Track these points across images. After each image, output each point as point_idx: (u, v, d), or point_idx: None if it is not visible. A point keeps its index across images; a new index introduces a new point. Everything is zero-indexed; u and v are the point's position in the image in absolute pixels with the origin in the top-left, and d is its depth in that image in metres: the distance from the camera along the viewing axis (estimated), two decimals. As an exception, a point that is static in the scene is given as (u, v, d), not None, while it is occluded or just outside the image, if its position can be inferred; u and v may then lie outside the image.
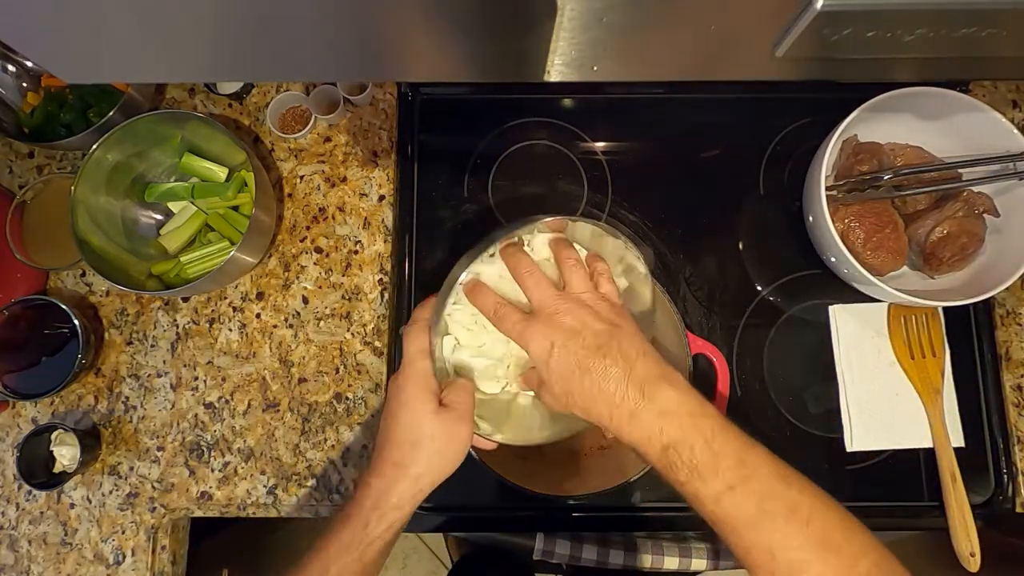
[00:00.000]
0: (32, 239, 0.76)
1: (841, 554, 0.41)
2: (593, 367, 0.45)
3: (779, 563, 0.41)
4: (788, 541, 0.41)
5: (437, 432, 0.49)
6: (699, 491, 0.43)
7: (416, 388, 0.50)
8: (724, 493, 0.42)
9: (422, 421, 0.49)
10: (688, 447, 0.43)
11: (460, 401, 0.51)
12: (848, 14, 0.29)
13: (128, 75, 0.41)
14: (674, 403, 0.44)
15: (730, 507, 0.42)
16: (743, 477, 0.42)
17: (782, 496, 0.42)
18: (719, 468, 0.42)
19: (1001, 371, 0.75)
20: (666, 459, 0.43)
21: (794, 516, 0.41)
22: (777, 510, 0.41)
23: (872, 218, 0.71)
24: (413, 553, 1.55)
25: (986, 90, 0.81)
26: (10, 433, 0.76)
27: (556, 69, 0.35)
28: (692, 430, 0.43)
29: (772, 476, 0.43)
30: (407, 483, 0.48)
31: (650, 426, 0.44)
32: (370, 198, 0.80)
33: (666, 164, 0.81)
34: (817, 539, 0.41)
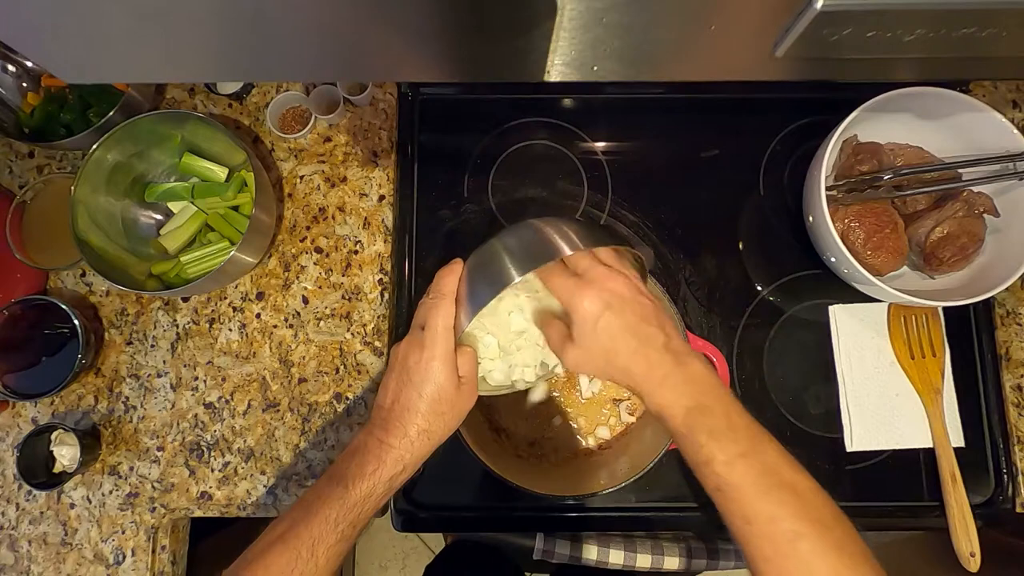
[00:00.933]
0: (32, 239, 0.76)
1: (834, 533, 0.44)
2: (641, 332, 0.50)
3: (779, 530, 0.44)
4: (789, 511, 0.44)
5: (456, 402, 0.54)
6: (714, 454, 0.46)
7: (444, 365, 0.53)
8: (736, 459, 0.45)
9: (448, 395, 0.53)
10: (711, 412, 0.47)
11: (470, 372, 0.55)
12: (848, 14, 0.29)
13: (128, 75, 0.41)
14: (701, 374, 0.49)
15: (741, 472, 0.45)
16: (754, 449, 0.46)
17: (786, 472, 0.46)
18: (736, 436, 0.46)
19: (1001, 371, 0.75)
20: (690, 420, 0.47)
21: (795, 491, 0.45)
22: (781, 484, 0.45)
23: (872, 218, 0.71)
24: (413, 553, 1.55)
25: (986, 90, 0.81)
26: (10, 433, 0.76)
27: (556, 69, 0.35)
28: (715, 399, 0.48)
29: (779, 454, 0.47)
30: (428, 446, 0.54)
31: (680, 389, 0.48)
32: (370, 198, 0.80)
33: (666, 164, 0.81)
34: (814, 515, 0.44)
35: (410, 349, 0.54)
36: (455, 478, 0.74)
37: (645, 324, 0.50)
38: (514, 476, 0.66)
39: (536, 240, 0.53)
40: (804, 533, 0.43)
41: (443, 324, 0.53)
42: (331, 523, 0.50)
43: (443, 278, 0.55)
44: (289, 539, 0.50)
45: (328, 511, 0.50)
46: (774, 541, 0.44)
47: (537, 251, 0.52)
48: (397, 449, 0.53)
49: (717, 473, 0.46)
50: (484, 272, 0.54)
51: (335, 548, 0.50)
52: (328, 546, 0.50)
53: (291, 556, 0.49)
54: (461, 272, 0.56)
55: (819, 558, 0.43)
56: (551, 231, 0.53)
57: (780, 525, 0.44)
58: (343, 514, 0.51)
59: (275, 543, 0.50)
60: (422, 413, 0.53)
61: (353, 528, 0.51)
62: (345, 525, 0.51)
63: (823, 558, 0.43)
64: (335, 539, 0.50)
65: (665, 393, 0.49)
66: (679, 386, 0.49)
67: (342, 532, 0.50)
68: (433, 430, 0.54)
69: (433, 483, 0.74)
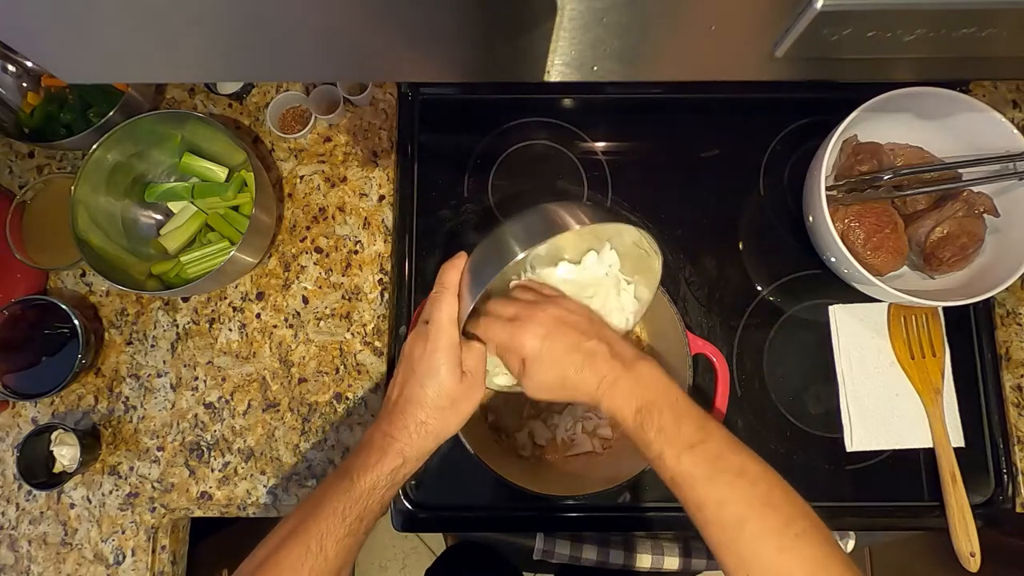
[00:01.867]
0: (32, 239, 0.76)
1: (780, 512, 0.46)
2: (583, 347, 0.52)
3: (726, 514, 0.46)
4: (735, 496, 0.46)
5: (459, 397, 0.54)
6: (664, 450, 0.48)
7: (446, 356, 0.53)
8: (684, 451, 0.48)
9: (450, 389, 0.54)
10: (658, 409, 0.49)
11: (476, 366, 0.56)
12: (848, 14, 0.29)
13: (128, 75, 0.41)
14: (647, 374, 0.52)
15: (689, 464, 0.47)
16: (701, 439, 0.48)
17: (733, 459, 0.48)
18: (681, 430, 0.49)
19: (1001, 371, 0.75)
20: (639, 418, 0.50)
21: (742, 476, 0.47)
22: (728, 469, 0.47)
23: (872, 218, 0.71)
24: (413, 553, 1.55)
25: (986, 90, 0.81)
26: (10, 433, 0.76)
27: (556, 69, 0.35)
28: (662, 397, 0.50)
29: (726, 442, 0.49)
30: (431, 440, 0.54)
31: (629, 391, 0.51)
32: (370, 198, 0.80)
33: (666, 164, 0.81)
34: (760, 498, 0.46)
35: (415, 342, 0.55)
36: (455, 478, 0.74)
37: (585, 339, 0.52)
38: (514, 476, 0.66)
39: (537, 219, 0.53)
40: (749, 516, 0.45)
41: (446, 316, 0.54)
42: (338, 516, 0.51)
43: (446, 272, 0.56)
44: (299, 533, 0.50)
45: (335, 504, 0.51)
46: (723, 527, 0.46)
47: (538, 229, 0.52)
48: (398, 441, 0.53)
49: (668, 466, 0.48)
50: (485, 257, 0.55)
51: (344, 542, 0.51)
52: (337, 539, 0.50)
53: (301, 550, 0.49)
54: (464, 265, 0.56)
55: (764, 539, 0.45)
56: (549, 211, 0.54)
57: (728, 509, 0.46)
58: (349, 506, 0.51)
59: (285, 539, 0.50)
60: (423, 406, 0.53)
61: (360, 522, 0.52)
62: (352, 518, 0.51)
63: (768, 539, 0.45)
64: (343, 532, 0.51)
65: (615, 397, 0.51)
66: (627, 389, 0.51)
67: (350, 525, 0.51)
68: (433, 423, 0.54)
69: (433, 483, 0.74)
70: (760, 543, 0.45)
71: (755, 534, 0.45)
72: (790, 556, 0.44)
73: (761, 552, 0.44)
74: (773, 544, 0.44)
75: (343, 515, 0.51)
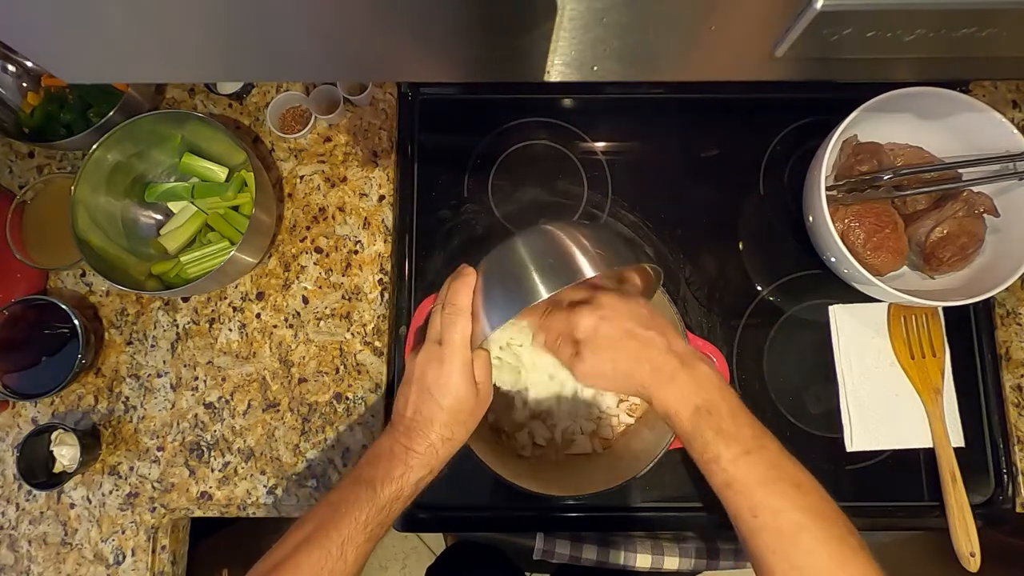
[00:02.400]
0: (32, 239, 0.76)
1: (836, 526, 0.46)
2: (640, 336, 0.53)
3: (783, 522, 0.46)
4: (792, 504, 0.46)
5: (476, 407, 0.56)
6: (721, 452, 0.48)
7: (461, 376, 0.54)
8: (741, 456, 0.48)
9: (468, 405, 0.55)
10: (716, 411, 0.50)
11: (486, 375, 0.57)
12: (848, 14, 0.29)
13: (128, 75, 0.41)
14: (706, 375, 0.52)
15: (746, 468, 0.48)
16: (759, 446, 0.49)
17: (788, 468, 0.48)
18: (739, 435, 0.49)
19: (1001, 371, 0.75)
20: (696, 419, 0.50)
21: (797, 486, 0.47)
22: (784, 478, 0.48)
23: (872, 218, 0.71)
24: (413, 553, 1.55)
25: (986, 90, 0.81)
26: (10, 433, 0.76)
27: (556, 69, 0.35)
28: (720, 399, 0.50)
29: (780, 451, 0.49)
30: (451, 450, 0.56)
31: (686, 390, 0.51)
32: (370, 198, 0.80)
33: (666, 164, 0.81)
34: (815, 509, 0.47)
35: (428, 364, 0.55)
36: (455, 478, 0.73)
37: (643, 329, 0.53)
38: (514, 476, 0.66)
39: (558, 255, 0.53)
40: (807, 525, 0.46)
41: (460, 339, 0.54)
42: (361, 524, 0.52)
43: (458, 292, 0.55)
44: (319, 539, 0.51)
45: (358, 513, 0.52)
46: (779, 533, 0.46)
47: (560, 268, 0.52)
48: (423, 455, 0.54)
49: (724, 469, 0.48)
50: (503, 285, 0.54)
51: (363, 547, 0.52)
52: (357, 545, 0.51)
53: (321, 554, 0.50)
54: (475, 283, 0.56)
55: (822, 547, 0.45)
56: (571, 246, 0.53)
57: (784, 517, 0.46)
58: (372, 515, 0.52)
59: (303, 544, 0.51)
60: (444, 423, 0.55)
61: (380, 528, 0.53)
62: (374, 526, 0.52)
63: (825, 547, 0.45)
64: (363, 539, 0.52)
65: (672, 393, 0.51)
66: (685, 386, 0.51)
67: (370, 532, 0.52)
68: (455, 436, 0.56)
69: (433, 483, 0.73)
70: (816, 553, 0.45)
71: (812, 544, 0.45)
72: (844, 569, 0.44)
73: (816, 562, 0.45)
74: (828, 556, 0.45)
75: (365, 524, 0.52)
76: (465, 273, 0.57)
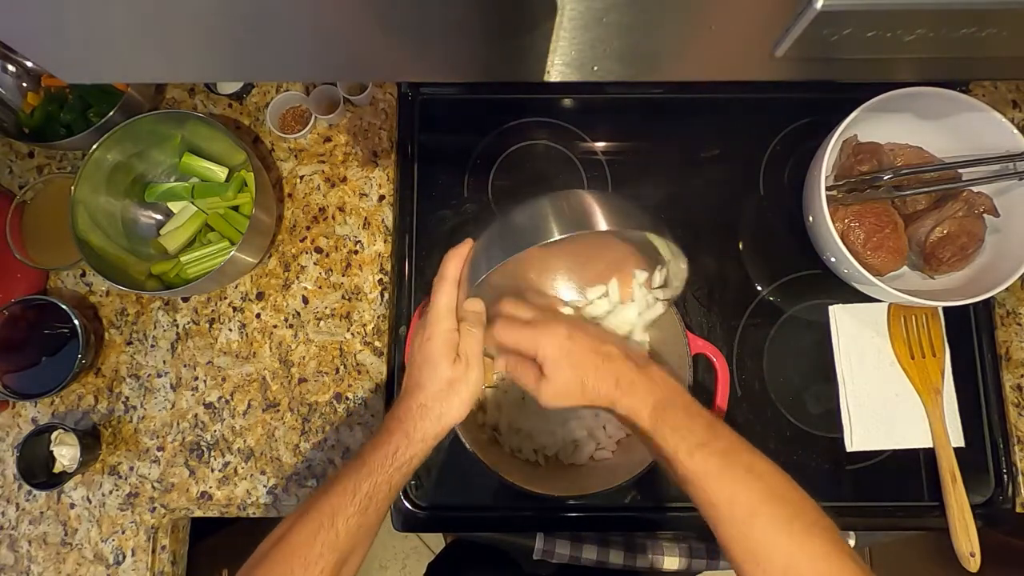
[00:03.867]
0: (32, 239, 0.76)
1: (789, 504, 0.47)
2: (602, 351, 0.55)
3: (737, 507, 0.47)
4: (746, 489, 0.48)
5: (455, 379, 0.56)
6: (678, 447, 0.50)
7: (441, 342, 0.56)
8: (696, 449, 0.49)
9: (444, 373, 0.56)
10: (672, 407, 0.52)
11: (471, 350, 0.57)
12: (848, 14, 0.29)
13: (128, 75, 0.41)
14: (660, 377, 0.55)
15: (701, 459, 0.49)
16: (712, 437, 0.50)
17: (742, 456, 0.50)
18: (694, 427, 0.51)
19: (1001, 371, 0.75)
20: (654, 417, 0.52)
21: (751, 472, 0.49)
22: (737, 464, 0.49)
23: (872, 218, 0.71)
24: (413, 553, 1.55)
25: (986, 90, 0.81)
26: (10, 433, 0.76)
27: (556, 69, 0.35)
28: (675, 396, 0.53)
29: (734, 440, 0.51)
30: (431, 421, 0.56)
31: (645, 390, 0.53)
32: (370, 198, 0.80)
33: (666, 164, 0.81)
34: (769, 491, 0.48)
35: (417, 332, 0.59)
36: (455, 478, 0.74)
37: (602, 343, 0.55)
38: (514, 476, 0.66)
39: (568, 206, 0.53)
40: (759, 509, 0.47)
41: (443, 305, 0.57)
42: (348, 493, 0.53)
43: (448, 260, 0.58)
44: (311, 511, 0.52)
45: (346, 482, 0.53)
46: (735, 522, 0.47)
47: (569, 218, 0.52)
48: (404, 423, 0.55)
49: (682, 463, 0.50)
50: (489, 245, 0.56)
51: (353, 519, 0.52)
52: (347, 516, 0.52)
53: (314, 526, 0.51)
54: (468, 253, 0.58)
55: (774, 529, 0.46)
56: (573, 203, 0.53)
57: (740, 501, 0.47)
58: (358, 483, 0.53)
59: (300, 516, 0.52)
60: (423, 390, 0.56)
61: (368, 499, 0.53)
62: (361, 495, 0.53)
63: (778, 529, 0.46)
64: (352, 510, 0.52)
65: (632, 397, 0.53)
66: (643, 389, 0.53)
67: (359, 503, 0.53)
68: (432, 405, 0.56)
69: (433, 483, 0.74)
70: (770, 533, 0.46)
71: (765, 525, 0.46)
72: (799, 546, 0.45)
73: (771, 542, 0.46)
74: (783, 535, 0.45)
75: (352, 492, 0.53)
76: (463, 243, 0.59)
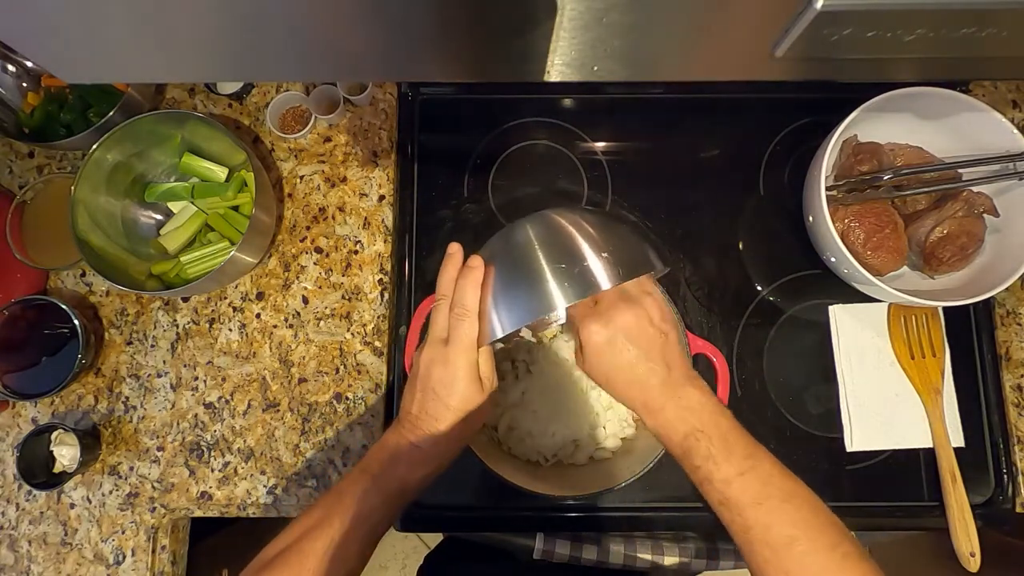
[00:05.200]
0: (32, 239, 0.76)
1: (826, 534, 0.47)
2: (639, 367, 0.53)
3: (774, 536, 0.47)
4: (783, 518, 0.48)
5: (482, 405, 0.56)
6: (712, 474, 0.50)
7: (467, 376, 0.54)
8: (734, 477, 0.49)
9: (474, 403, 0.55)
10: (706, 437, 0.50)
11: (490, 368, 0.57)
12: (848, 14, 0.29)
13: (128, 75, 0.41)
14: (697, 402, 0.52)
15: (738, 489, 0.49)
16: (750, 467, 0.49)
17: (780, 484, 0.49)
18: (731, 457, 0.50)
19: (1001, 371, 0.75)
20: (686, 444, 0.51)
21: (789, 500, 0.49)
22: (775, 494, 0.49)
23: (872, 218, 0.71)
24: (413, 553, 1.55)
25: (986, 90, 0.81)
26: (10, 433, 0.76)
27: (556, 69, 0.35)
28: (711, 425, 0.51)
29: (773, 468, 0.50)
30: (458, 447, 0.57)
31: (676, 417, 0.52)
32: (370, 198, 0.80)
33: (666, 164, 0.81)
34: (806, 521, 0.48)
35: (432, 364, 0.55)
36: (455, 478, 0.73)
37: (645, 360, 0.53)
38: (514, 476, 0.66)
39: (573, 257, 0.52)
40: (798, 537, 0.47)
41: (467, 340, 0.54)
42: (364, 517, 0.53)
43: (466, 290, 0.55)
44: (324, 527, 0.52)
45: (363, 505, 0.53)
46: (771, 546, 0.47)
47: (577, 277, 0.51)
48: (428, 453, 0.55)
49: (717, 490, 0.49)
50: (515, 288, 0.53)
51: (365, 540, 0.53)
52: (360, 537, 0.52)
53: (326, 542, 0.51)
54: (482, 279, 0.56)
55: (812, 558, 0.46)
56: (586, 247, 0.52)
57: (775, 531, 0.47)
58: (376, 508, 0.53)
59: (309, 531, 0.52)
60: (450, 422, 0.55)
61: (383, 523, 0.54)
62: (377, 520, 0.53)
63: (816, 558, 0.46)
64: (366, 531, 0.53)
65: (661, 421, 0.52)
66: (674, 415, 0.52)
67: (373, 526, 0.53)
68: (462, 435, 0.56)
69: (433, 483, 0.74)
70: (808, 561, 0.46)
71: (803, 553, 0.46)
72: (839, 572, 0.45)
73: (809, 570, 0.46)
74: (821, 563, 0.46)
75: (368, 516, 0.53)
76: (472, 266, 0.56)
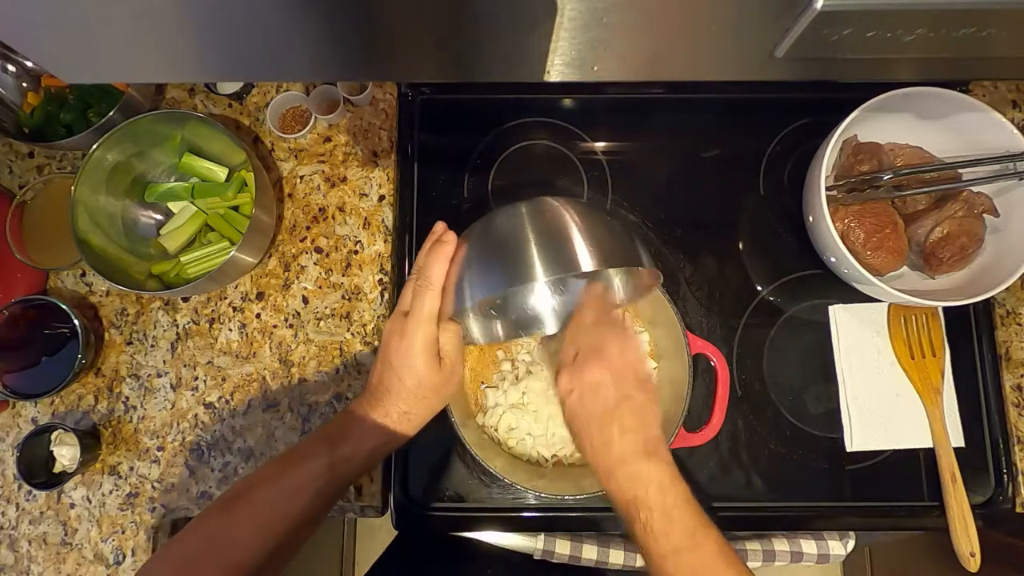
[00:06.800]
0: (32, 239, 0.76)
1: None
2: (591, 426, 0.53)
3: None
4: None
5: (439, 384, 0.56)
6: (649, 547, 0.49)
7: (424, 351, 0.54)
8: (669, 554, 0.48)
9: (429, 381, 0.55)
10: (647, 508, 0.49)
11: (454, 348, 0.56)
12: (848, 14, 0.29)
13: (128, 75, 0.41)
14: (646, 473, 0.51)
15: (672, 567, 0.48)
16: (690, 547, 0.49)
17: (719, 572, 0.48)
18: (671, 533, 0.49)
19: (1001, 371, 0.75)
20: (627, 511, 0.50)
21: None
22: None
23: (872, 218, 0.71)
24: (413, 553, 1.55)
25: (986, 90, 0.81)
26: (10, 433, 0.76)
27: (556, 69, 0.35)
28: (656, 496, 0.50)
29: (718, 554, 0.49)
30: (411, 426, 0.56)
31: (620, 485, 0.51)
32: (370, 198, 0.80)
33: (666, 164, 0.81)
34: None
35: (391, 335, 0.55)
36: (455, 478, 0.74)
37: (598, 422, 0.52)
38: (514, 476, 0.66)
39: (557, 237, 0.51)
40: None
41: (426, 313, 0.54)
42: (311, 476, 0.53)
43: (433, 264, 0.54)
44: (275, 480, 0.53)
45: (311, 464, 0.54)
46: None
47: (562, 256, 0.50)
48: (379, 425, 0.55)
49: (654, 563, 0.50)
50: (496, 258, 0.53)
51: (311, 501, 0.53)
52: (307, 496, 0.53)
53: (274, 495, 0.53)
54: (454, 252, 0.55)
55: None
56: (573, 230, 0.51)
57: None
58: (322, 471, 0.54)
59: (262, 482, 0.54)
60: (403, 397, 0.55)
61: (329, 487, 0.54)
62: (323, 483, 0.54)
63: None
64: (312, 492, 0.53)
65: (607, 484, 0.52)
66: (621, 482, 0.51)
67: (319, 488, 0.54)
68: (415, 412, 0.56)
69: (433, 483, 0.74)
70: None
71: None
72: None
73: None
74: None
75: (315, 477, 0.53)
76: (444, 241, 0.55)
